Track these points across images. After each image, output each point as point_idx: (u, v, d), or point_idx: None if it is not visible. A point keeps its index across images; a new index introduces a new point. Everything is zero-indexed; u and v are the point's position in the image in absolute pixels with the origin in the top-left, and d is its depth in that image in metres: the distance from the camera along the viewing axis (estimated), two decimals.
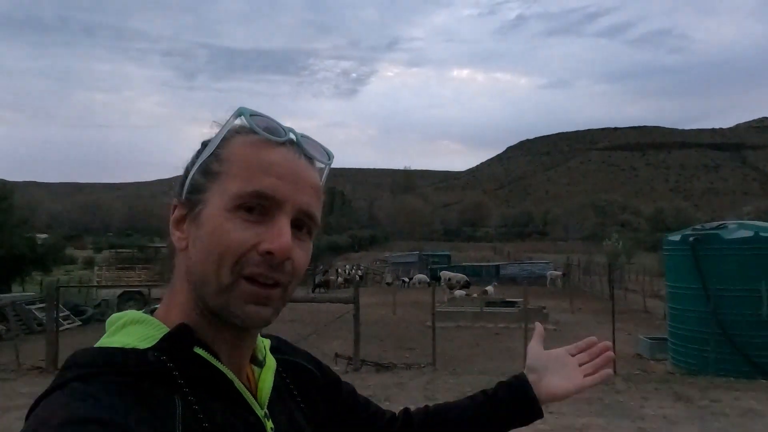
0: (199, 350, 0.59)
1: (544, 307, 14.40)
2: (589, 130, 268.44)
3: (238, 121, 0.64)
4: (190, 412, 0.56)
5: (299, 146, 0.64)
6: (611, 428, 5.51)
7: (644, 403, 6.43)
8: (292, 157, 0.63)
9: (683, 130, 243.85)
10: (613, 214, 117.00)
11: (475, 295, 18.18)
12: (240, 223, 0.59)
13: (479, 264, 35.60)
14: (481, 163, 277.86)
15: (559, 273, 25.22)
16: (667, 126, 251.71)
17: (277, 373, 0.70)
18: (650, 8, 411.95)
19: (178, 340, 0.59)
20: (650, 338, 10.41)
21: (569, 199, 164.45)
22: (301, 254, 0.62)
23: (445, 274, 25.42)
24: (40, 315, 13.12)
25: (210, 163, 0.62)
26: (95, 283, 15.71)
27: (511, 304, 15.89)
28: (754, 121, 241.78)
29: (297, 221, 0.62)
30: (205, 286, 0.59)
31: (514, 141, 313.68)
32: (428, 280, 25.10)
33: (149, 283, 16.36)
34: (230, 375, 0.61)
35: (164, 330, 0.60)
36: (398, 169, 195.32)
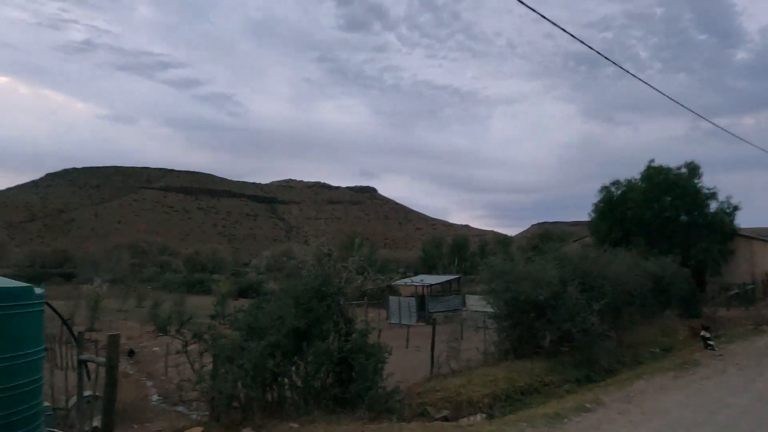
0: None
1: None
2: (146, 168, 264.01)
3: None
4: None
5: None
6: None
7: None
8: None
9: (232, 181, 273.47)
10: (153, 255, 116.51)
11: None
12: None
13: None
14: (10, 188, 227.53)
15: None
16: (219, 175, 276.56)
17: None
18: (217, 74, 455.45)
19: None
20: None
21: (118, 238, 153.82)
22: None
23: None
24: None
25: None
26: None
27: None
28: (282, 181, 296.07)
29: None
30: None
31: (58, 168, 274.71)
32: None
33: None
34: None
35: None
36: None
